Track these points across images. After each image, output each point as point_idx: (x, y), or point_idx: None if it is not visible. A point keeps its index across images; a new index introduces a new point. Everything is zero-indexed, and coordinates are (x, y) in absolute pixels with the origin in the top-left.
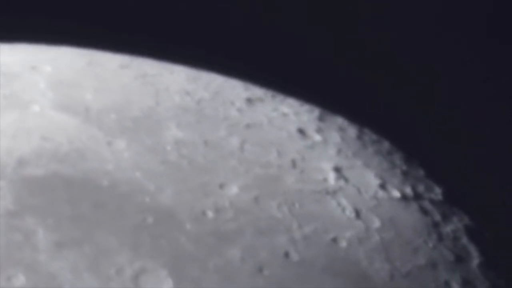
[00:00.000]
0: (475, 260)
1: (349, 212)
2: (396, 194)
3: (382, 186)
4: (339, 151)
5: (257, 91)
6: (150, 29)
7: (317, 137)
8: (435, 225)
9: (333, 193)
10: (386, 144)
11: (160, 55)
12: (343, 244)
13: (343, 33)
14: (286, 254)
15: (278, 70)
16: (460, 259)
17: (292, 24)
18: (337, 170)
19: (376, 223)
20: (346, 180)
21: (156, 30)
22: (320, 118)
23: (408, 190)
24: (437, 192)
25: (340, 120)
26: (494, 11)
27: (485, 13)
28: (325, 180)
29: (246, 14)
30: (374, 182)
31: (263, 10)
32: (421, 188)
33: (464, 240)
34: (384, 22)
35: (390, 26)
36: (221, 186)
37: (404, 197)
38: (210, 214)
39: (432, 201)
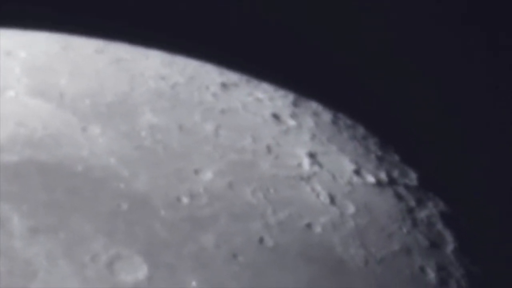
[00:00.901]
0: (450, 245)
1: (324, 198)
2: (371, 179)
3: (357, 172)
4: (313, 137)
5: (231, 76)
6: (124, 14)
7: (292, 122)
8: (410, 210)
9: (307, 178)
10: (361, 129)
11: (135, 40)
12: (318, 229)
13: (317, 18)
14: (261, 240)
15: (252, 55)
16: (435, 244)
17: (266, 10)
18: (312, 155)
19: (351, 208)
20: (321, 165)
21: (130, 15)
22: (295, 103)
23: (383, 176)
24: (412, 178)
25: (314, 105)
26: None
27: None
28: (300, 165)
29: None
30: (349, 167)
31: None
32: (395, 174)
33: (439, 225)
34: (358, 7)
35: (364, 12)
36: (196, 171)
37: (378, 183)
38: (184, 200)
39: (407, 187)
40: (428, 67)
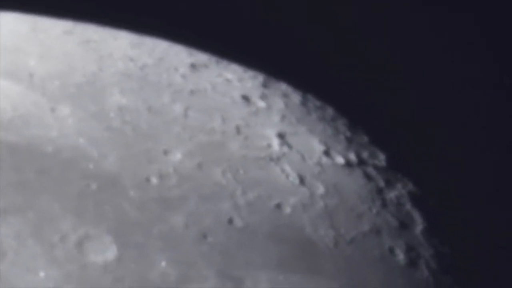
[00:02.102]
0: (419, 226)
1: (293, 179)
2: (340, 160)
3: (326, 153)
4: (283, 118)
5: (201, 57)
6: None
7: (261, 104)
8: (379, 191)
9: (277, 159)
10: (330, 111)
11: (104, 21)
12: (287, 210)
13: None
14: (230, 221)
15: (222, 36)
16: (404, 225)
17: None
18: (281, 136)
19: (320, 189)
20: (290, 146)
21: None
22: (264, 85)
23: (352, 156)
24: (381, 159)
25: (284, 87)
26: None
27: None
28: (269, 146)
29: None
30: (318, 148)
31: None
32: (365, 154)
33: (408, 206)
34: None
35: None
36: (165, 152)
37: (348, 163)
38: (154, 180)
39: (376, 167)
40: (397, 47)
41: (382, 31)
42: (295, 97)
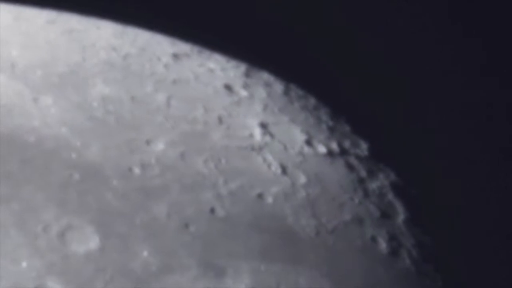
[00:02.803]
0: (401, 216)
1: (275, 168)
2: (322, 149)
3: (308, 142)
4: (265, 107)
5: (183, 47)
6: None
7: (244, 93)
8: (361, 181)
9: (259, 149)
10: (312, 100)
11: (87, 10)
12: (269, 200)
13: None
14: (212, 210)
15: (204, 25)
16: (386, 215)
17: None
18: (263, 126)
19: (302, 179)
20: (272, 136)
21: None
22: (247, 74)
23: (334, 146)
24: (363, 148)
25: (266, 76)
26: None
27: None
28: (251, 136)
29: None
30: (300, 138)
31: None
32: (347, 144)
33: (390, 196)
34: None
35: None
36: (148, 142)
37: (330, 153)
38: (136, 170)
39: (358, 157)
40: (380, 37)
41: (366, 20)
42: (278, 86)
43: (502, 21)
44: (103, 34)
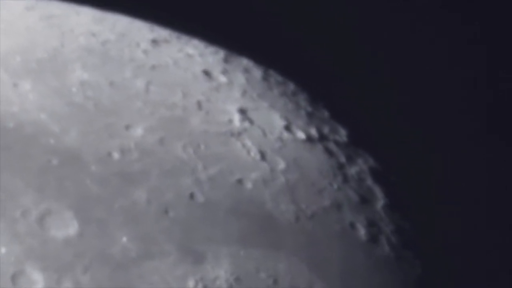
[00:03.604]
0: (380, 201)
1: (254, 154)
2: (301, 135)
3: (287, 128)
4: (244, 93)
5: (162, 32)
6: None
7: (222, 79)
8: (340, 166)
9: (238, 134)
10: (291, 86)
11: None
12: (248, 185)
13: None
14: (192, 196)
15: (183, 11)
16: (365, 200)
17: None
18: (242, 111)
19: (281, 164)
20: (251, 121)
21: None
22: (226, 60)
23: (313, 132)
24: (342, 134)
25: (245, 62)
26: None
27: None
28: (230, 121)
29: None
30: (279, 123)
31: None
32: (326, 130)
33: (369, 181)
34: None
35: None
36: (127, 127)
37: (309, 139)
38: (115, 155)
39: (337, 143)
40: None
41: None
42: (257, 72)
43: (499, 17)
44: (82, 20)
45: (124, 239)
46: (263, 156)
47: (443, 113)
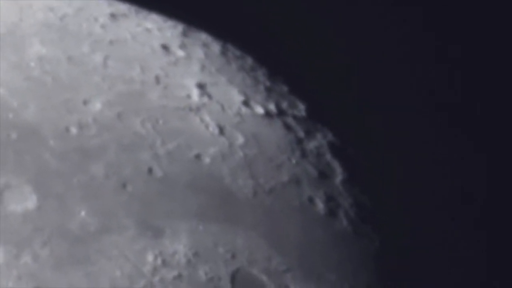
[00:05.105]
0: (339, 176)
1: (213, 129)
2: (260, 110)
3: (246, 103)
4: (202, 68)
5: (120, 7)
6: None
7: (181, 53)
8: (299, 141)
9: (196, 109)
10: (249, 60)
11: None
12: (207, 160)
13: None
14: (150, 170)
15: None
16: (324, 175)
17: None
18: (201, 86)
19: (240, 139)
20: (210, 96)
21: None
22: (184, 34)
23: (272, 107)
24: (301, 109)
25: (204, 36)
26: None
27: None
28: (189, 96)
29: None
30: (238, 98)
31: None
32: (284, 105)
33: (328, 156)
34: None
35: None
36: (85, 102)
37: (267, 114)
38: (73, 130)
39: (295, 118)
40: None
41: None
42: (215, 46)
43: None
44: None
45: (83, 213)
46: (221, 131)
47: (403, 88)
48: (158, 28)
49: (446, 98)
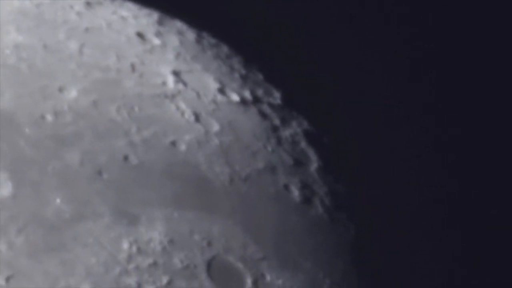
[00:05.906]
0: (314, 164)
1: (188, 116)
2: (235, 98)
3: (221, 90)
4: (178, 55)
5: None
6: None
7: (156, 41)
8: (274, 129)
9: (172, 97)
10: (225, 48)
11: None
12: (183, 147)
13: None
14: (125, 158)
15: None
16: (299, 163)
17: None
18: (176, 74)
19: (215, 127)
20: (185, 84)
21: None
22: (159, 22)
23: (247, 94)
24: (276, 96)
25: (179, 24)
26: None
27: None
28: (164, 84)
29: None
30: (213, 86)
31: None
32: (260, 92)
33: (303, 144)
34: None
35: None
36: (60, 89)
37: (243, 101)
38: (49, 118)
39: (271, 105)
40: None
41: None
42: (190, 34)
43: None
44: None
45: (58, 201)
46: (197, 118)
47: (379, 76)
48: (133, 16)
49: (422, 87)
